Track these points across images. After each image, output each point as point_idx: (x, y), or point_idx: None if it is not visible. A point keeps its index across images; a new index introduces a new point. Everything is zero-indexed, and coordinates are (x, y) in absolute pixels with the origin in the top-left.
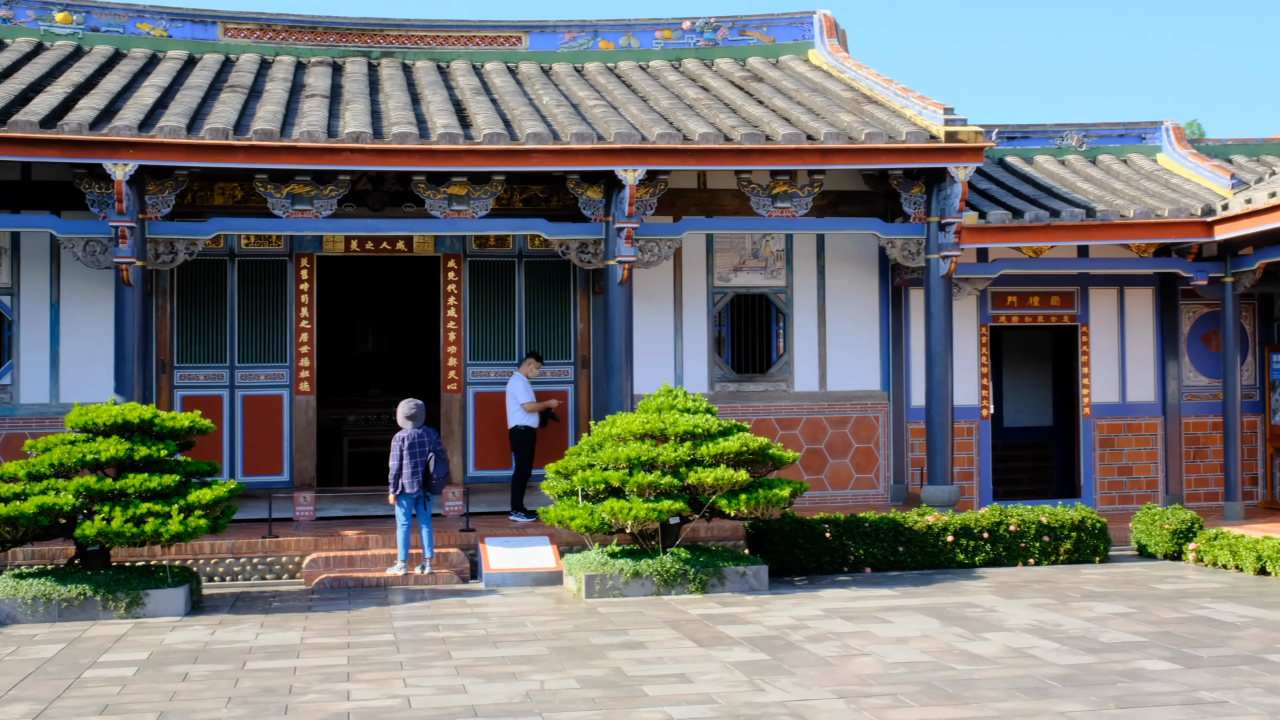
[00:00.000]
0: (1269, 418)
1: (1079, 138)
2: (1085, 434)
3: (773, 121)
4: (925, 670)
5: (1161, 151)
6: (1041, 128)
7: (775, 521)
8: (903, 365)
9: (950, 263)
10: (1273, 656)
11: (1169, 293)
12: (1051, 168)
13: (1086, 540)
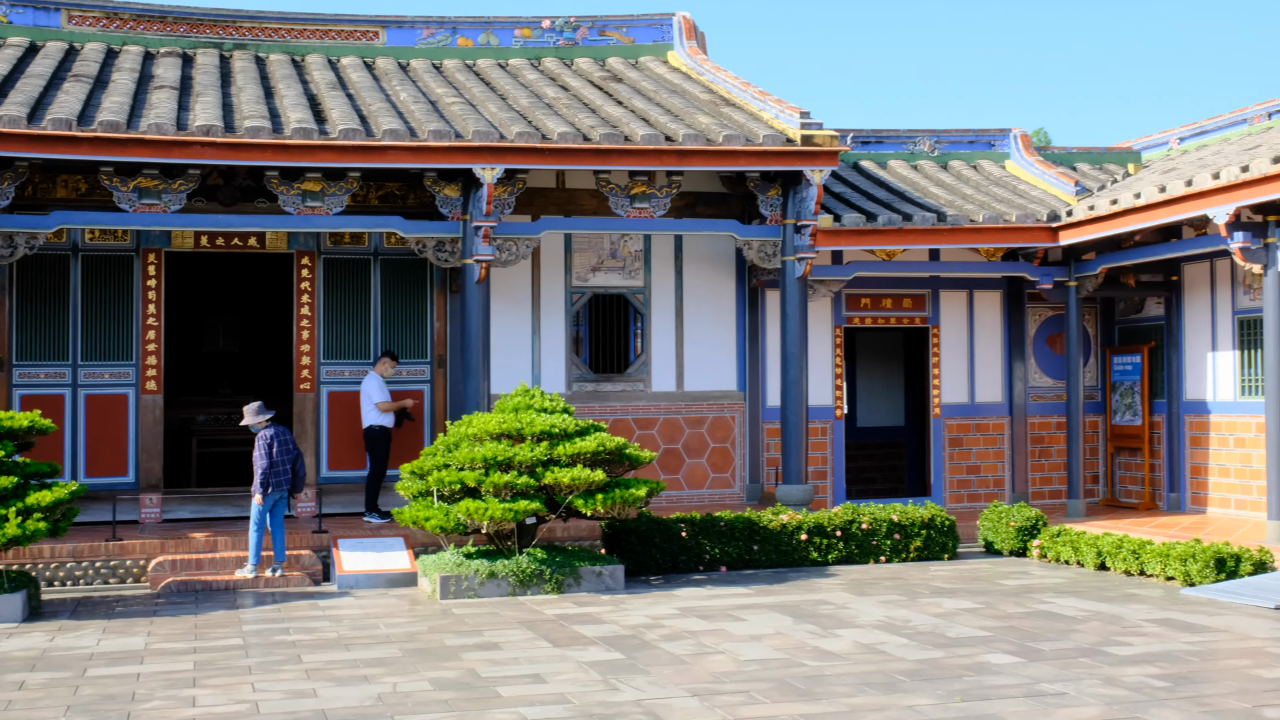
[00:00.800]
0: (1110, 418)
1: (931, 143)
2: (935, 434)
3: (632, 122)
4: (778, 667)
5: (1010, 158)
6: (895, 133)
7: (632, 521)
8: (759, 366)
9: (806, 265)
10: (1111, 649)
11: (1016, 296)
12: (905, 172)
13: (936, 538)
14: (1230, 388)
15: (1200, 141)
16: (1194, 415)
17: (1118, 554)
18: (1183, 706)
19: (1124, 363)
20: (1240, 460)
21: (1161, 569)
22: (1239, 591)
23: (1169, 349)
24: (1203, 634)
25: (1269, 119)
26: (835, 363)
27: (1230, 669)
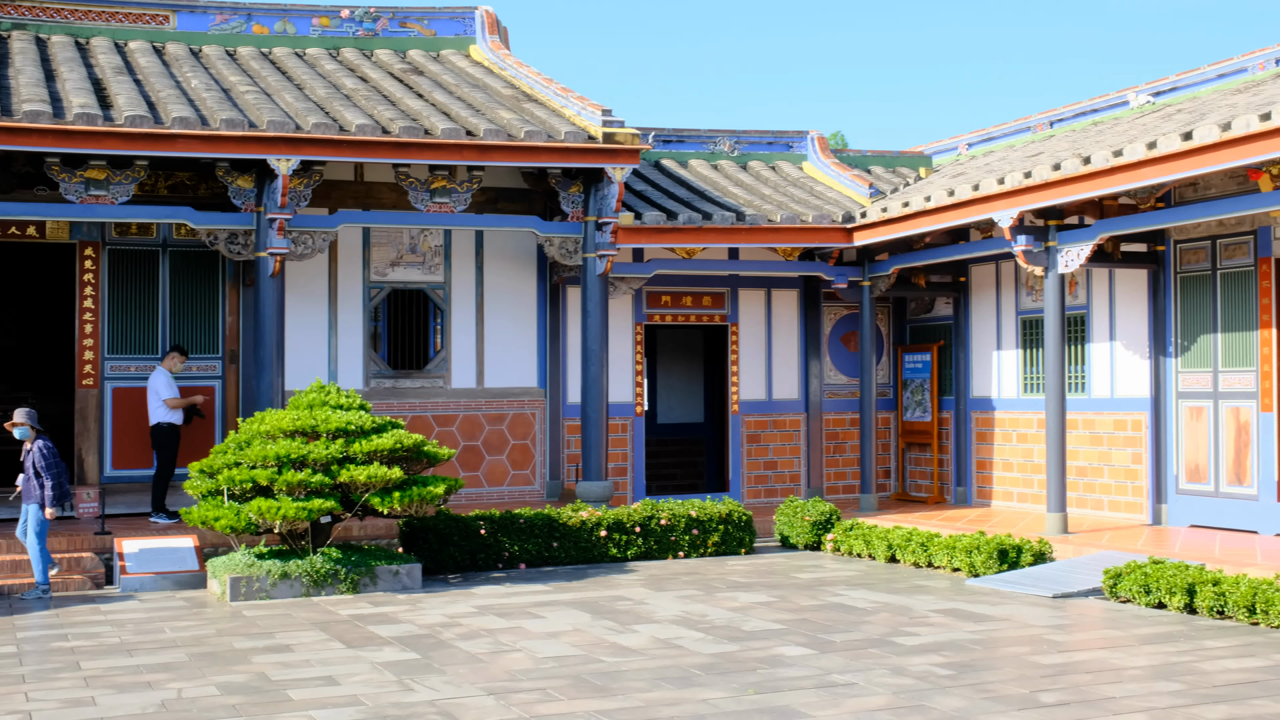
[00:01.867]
0: (901, 414)
1: (731, 144)
2: (734, 430)
3: (432, 116)
4: (575, 664)
5: (807, 160)
6: (696, 132)
7: (430, 519)
8: (560, 362)
9: (607, 262)
10: (899, 639)
11: (812, 295)
12: (705, 172)
13: (734, 533)
14: (1014, 385)
15: (987, 147)
16: (980, 412)
17: (907, 547)
18: (965, 694)
19: (915, 361)
20: (1023, 455)
21: (948, 561)
22: (1020, 582)
23: (957, 348)
24: (985, 623)
25: (1050, 127)
26: (636, 360)
27: (1010, 656)
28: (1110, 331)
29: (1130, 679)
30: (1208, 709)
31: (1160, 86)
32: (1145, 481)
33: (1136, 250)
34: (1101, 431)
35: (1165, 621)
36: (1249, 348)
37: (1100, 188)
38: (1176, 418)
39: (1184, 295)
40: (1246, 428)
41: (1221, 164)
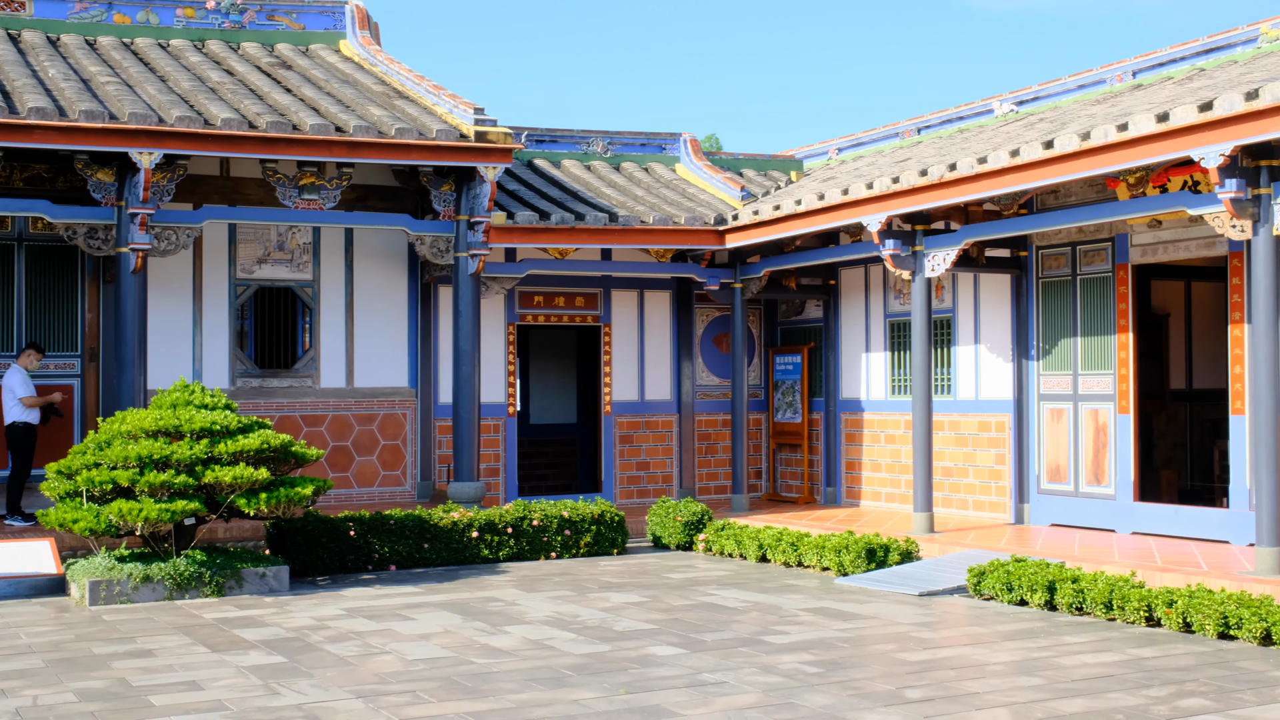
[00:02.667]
0: (772, 415)
1: (605, 144)
2: (607, 431)
3: (301, 111)
4: (446, 666)
5: (680, 162)
6: (569, 133)
7: (298, 520)
8: (431, 362)
9: (479, 261)
10: (769, 638)
11: (685, 296)
12: (578, 172)
13: (606, 533)
14: (882, 387)
15: (857, 152)
16: (849, 413)
17: (778, 546)
18: (834, 691)
19: (785, 362)
20: (891, 456)
21: (818, 560)
22: (887, 580)
23: (827, 350)
24: (853, 621)
25: (918, 134)
26: (508, 360)
27: (877, 654)
28: (975, 335)
29: (993, 674)
30: (1066, 703)
31: (1023, 96)
32: (1008, 481)
33: (1000, 255)
34: (966, 433)
35: (1027, 618)
36: (1107, 351)
37: (965, 194)
38: (1038, 419)
39: (1045, 300)
40: (1105, 429)
41: (1081, 172)
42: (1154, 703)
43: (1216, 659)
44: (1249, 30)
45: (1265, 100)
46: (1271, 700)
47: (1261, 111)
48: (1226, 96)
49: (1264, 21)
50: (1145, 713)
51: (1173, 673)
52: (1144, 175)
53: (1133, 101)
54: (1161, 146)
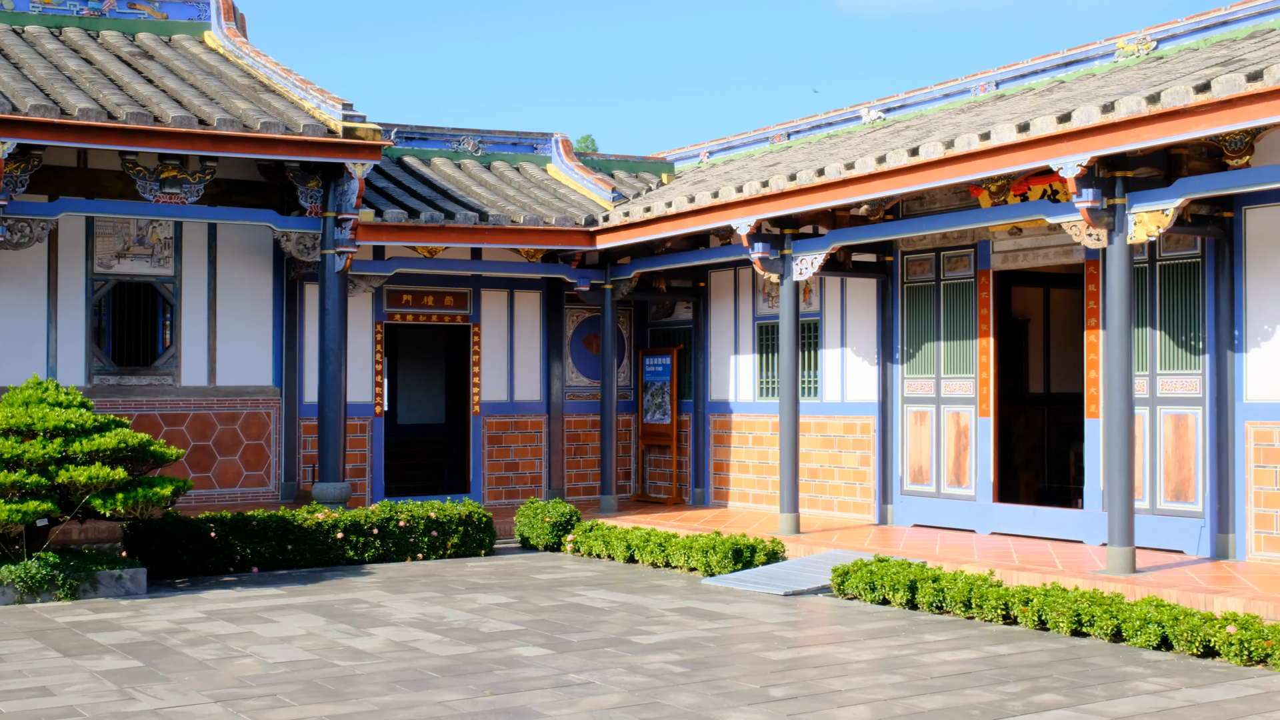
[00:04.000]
0: (641, 416)
1: (476, 143)
2: (475, 431)
3: (163, 102)
4: (308, 669)
5: (551, 162)
6: (440, 131)
7: (157, 522)
8: (297, 361)
9: (346, 259)
10: (635, 638)
11: (555, 297)
12: (449, 170)
13: (474, 534)
14: (750, 389)
15: (728, 156)
16: (718, 415)
17: (646, 547)
18: (699, 690)
19: (655, 364)
20: (758, 457)
21: (685, 560)
22: (753, 580)
23: (696, 352)
24: (720, 621)
25: (788, 138)
26: (376, 359)
27: (743, 653)
28: (842, 338)
29: (855, 672)
30: (925, 699)
31: (891, 103)
32: (873, 483)
33: (867, 260)
34: (833, 435)
35: (889, 617)
36: (969, 356)
37: (833, 199)
38: (902, 422)
39: (910, 305)
40: (966, 432)
41: (945, 179)
42: (1009, 698)
43: (1070, 655)
44: (1106, 45)
45: (1121, 113)
46: (1120, 695)
47: (1117, 124)
48: (1084, 108)
49: (1120, 37)
50: (1001, 708)
51: (1028, 669)
52: (1006, 184)
53: (995, 111)
54: (1022, 156)
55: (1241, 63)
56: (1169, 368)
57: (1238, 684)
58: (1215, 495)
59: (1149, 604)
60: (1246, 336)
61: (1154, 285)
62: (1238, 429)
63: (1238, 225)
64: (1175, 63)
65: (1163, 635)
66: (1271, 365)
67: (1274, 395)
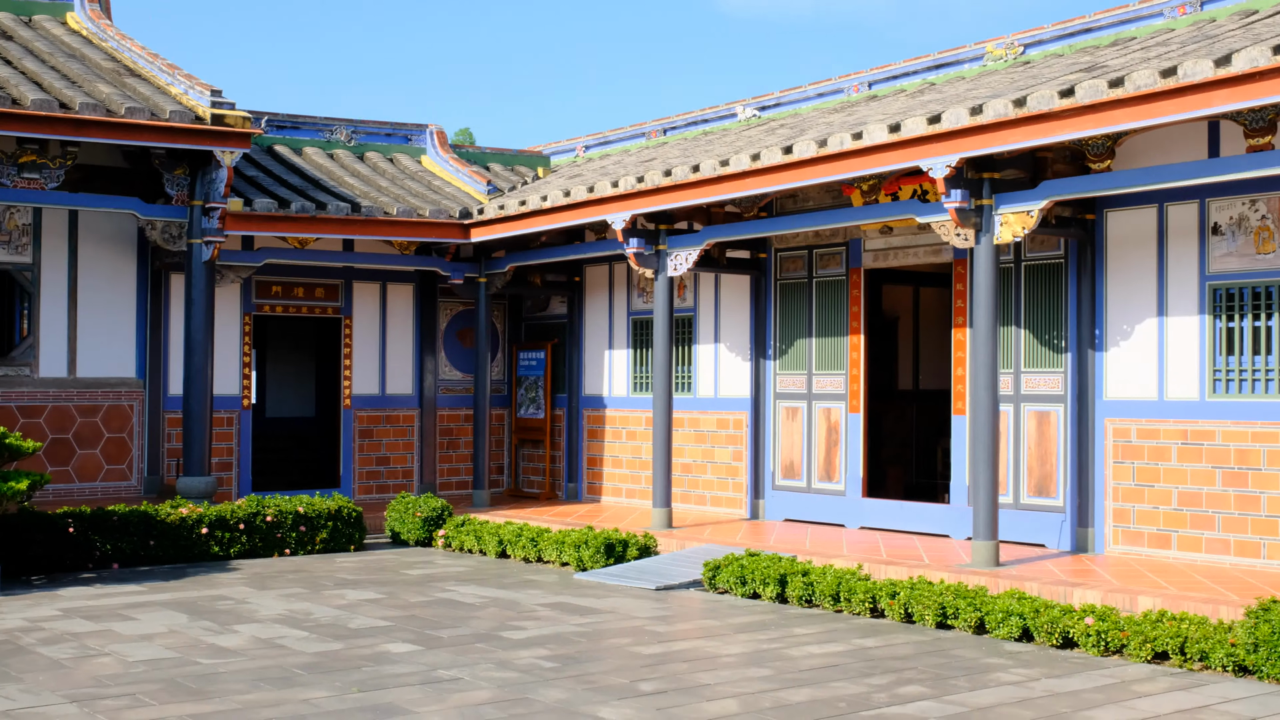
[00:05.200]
0: (515, 411)
1: (348, 133)
2: (346, 425)
3: (22, 85)
4: (170, 667)
5: (426, 154)
6: (312, 120)
7: (13, 517)
8: (162, 352)
9: (214, 249)
10: (506, 633)
11: (429, 290)
12: (321, 160)
13: (343, 529)
14: (624, 384)
15: (604, 151)
16: (592, 409)
17: (518, 542)
18: (569, 685)
19: (530, 358)
20: (632, 452)
21: (557, 555)
22: (626, 575)
23: (571, 346)
24: (591, 616)
25: (664, 134)
26: (244, 351)
27: (614, 648)
28: (716, 334)
29: (724, 666)
30: (793, 692)
31: (765, 101)
32: (745, 478)
33: (741, 257)
34: (706, 430)
35: (759, 611)
36: (840, 352)
37: (708, 195)
38: (774, 417)
39: (783, 301)
40: (837, 427)
41: (818, 178)
42: (875, 690)
43: (935, 647)
44: (976, 49)
45: (989, 115)
46: (983, 685)
47: (985, 126)
48: (953, 110)
49: (989, 41)
50: (867, 700)
51: (894, 661)
52: (877, 183)
53: (868, 111)
54: (893, 156)
55: (1104, 69)
56: (1033, 366)
57: (1095, 674)
58: (1076, 490)
59: (1011, 597)
60: (1107, 336)
61: (1019, 285)
62: (1098, 426)
63: (1099, 227)
64: (1041, 68)
65: (1024, 627)
66: (1130, 364)
67: (1132, 393)
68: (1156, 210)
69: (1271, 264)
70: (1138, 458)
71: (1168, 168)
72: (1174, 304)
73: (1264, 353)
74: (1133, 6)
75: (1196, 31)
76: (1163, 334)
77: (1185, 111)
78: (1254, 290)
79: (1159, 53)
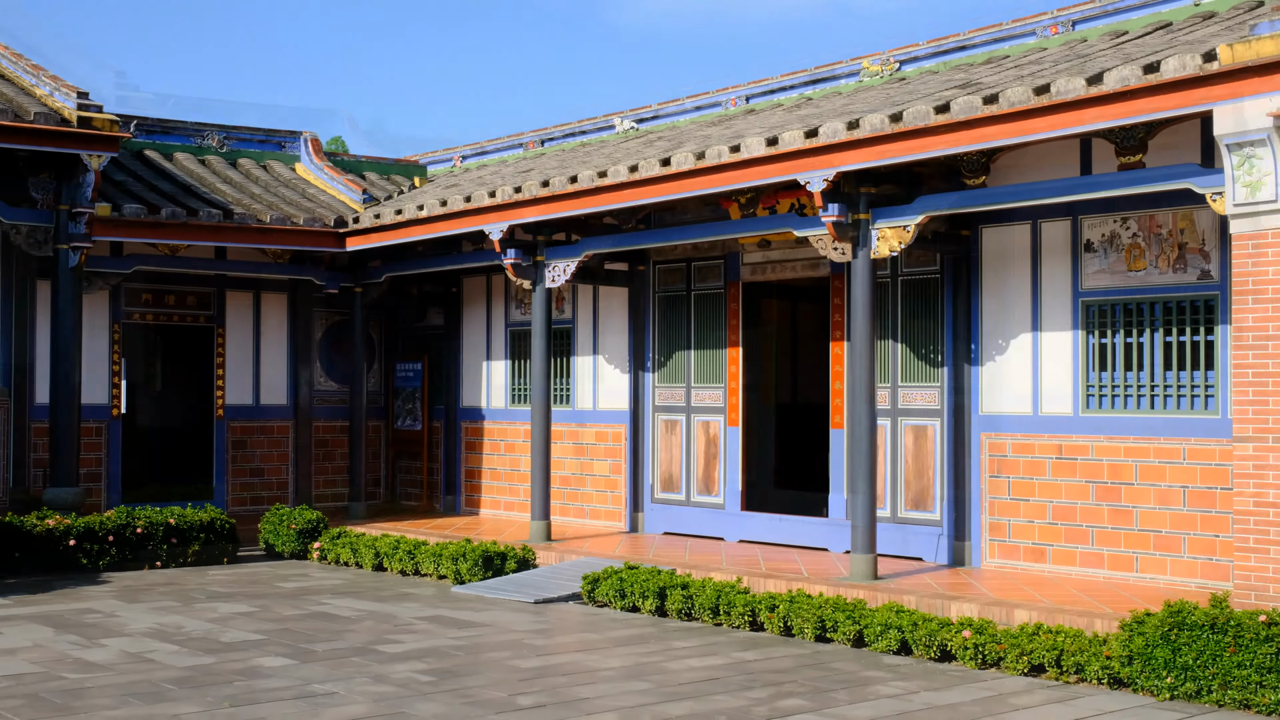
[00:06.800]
0: (392, 423)
1: (220, 139)
2: (219, 435)
3: None
4: (33, 682)
5: (300, 161)
6: (183, 125)
7: None
8: (28, 360)
9: (81, 255)
10: (382, 647)
11: (304, 300)
12: (192, 166)
13: (216, 541)
14: (503, 396)
15: (481, 161)
16: (470, 421)
17: (394, 554)
18: (446, 699)
19: (406, 370)
20: (510, 465)
21: (435, 568)
22: (504, 588)
23: (448, 358)
24: (469, 629)
25: (541, 145)
26: (113, 359)
27: (492, 661)
28: (594, 346)
29: (603, 680)
30: (673, 706)
31: (644, 114)
32: (624, 491)
33: (620, 269)
34: (585, 442)
35: (638, 624)
36: (719, 366)
37: (586, 206)
38: (653, 430)
39: (662, 314)
40: (716, 440)
41: (696, 190)
42: (755, 704)
43: (814, 660)
44: (852, 64)
45: (865, 130)
46: (862, 699)
47: (861, 140)
48: (830, 124)
49: (865, 57)
50: (746, 713)
51: (773, 674)
52: (755, 196)
53: (746, 125)
54: (771, 169)
55: (979, 86)
56: (910, 380)
57: (973, 687)
58: (953, 504)
59: (890, 610)
60: (982, 351)
61: (897, 300)
62: (973, 440)
63: (975, 243)
64: (917, 84)
65: (903, 640)
66: (1005, 379)
67: (1006, 408)
68: (1030, 226)
69: (1143, 280)
70: (1013, 472)
71: (1041, 184)
72: (1048, 320)
73: (1136, 369)
74: (1006, 25)
75: (1069, 51)
76: (1037, 349)
77: (1058, 129)
78: (1125, 306)
79: (1032, 70)
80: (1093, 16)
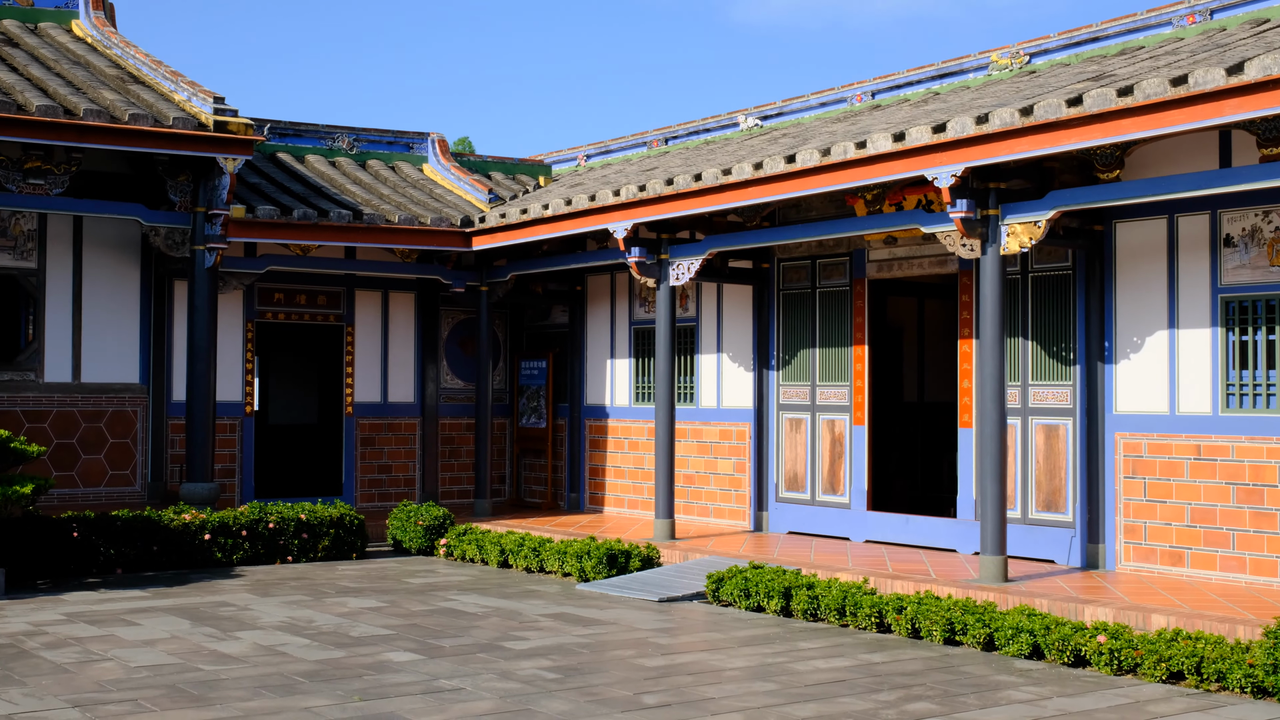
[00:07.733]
0: (517, 420)
1: (350, 141)
2: (348, 432)
3: (28, 91)
4: (171, 673)
5: (427, 162)
6: (314, 127)
7: (18, 521)
8: (165, 358)
9: (216, 255)
10: (508, 643)
11: (430, 298)
12: (322, 168)
13: (345, 537)
14: (626, 394)
15: (605, 160)
16: (594, 419)
17: (519, 551)
18: (571, 697)
19: (531, 368)
20: (634, 463)
21: (559, 566)
22: (628, 586)
23: (572, 356)
24: (594, 627)
25: (665, 144)
26: (246, 358)
27: (616, 659)
28: (718, 344)
29: (728, 680)
30: (799, 707)
31: (768, 111)
32: (748, 490)
33: (744, 267)
34: (708, 441)
35: (763, 624)
36: (844, 364)
37: (710, 204)
38: (778, 429)
39: (786, 312)
40: (841, 439)
41: (821, 187)
42: (883, 707)
43: (943, 664)
44: (980, 58)
45: (994, 125)
46: (993, 704)
47: (991, 135)
48: (959, 119)
49: (994, 50)
50: (874, 716)
51: (901, 677)
52: (881, 193)
53: (871, 121)
54: (898, 165)
55: (1112, 78)
56: (1041, 379)
57: (1108, 693)
58: (1085, 505)
59: (1021, 613)
60: (1116, 348)
61: (1026, 297)
62: (1107, 440)
63: (1108, 238)
64: (1048, 77)
65: (1034, 644)
66: (1139, 377)
67: (1142, 407)
68: (1167, 221)
69: None
70: (1149, 473)
71: (1178, 178)
72: (1185, 316)
73: (1279, 367)
74: (1140, 15)
75: (1206, 40)
76: (1174, 347)
77: (1196, 121)
78: (1268, 303)
79: (1168, 61)
80: (1231, 5)
